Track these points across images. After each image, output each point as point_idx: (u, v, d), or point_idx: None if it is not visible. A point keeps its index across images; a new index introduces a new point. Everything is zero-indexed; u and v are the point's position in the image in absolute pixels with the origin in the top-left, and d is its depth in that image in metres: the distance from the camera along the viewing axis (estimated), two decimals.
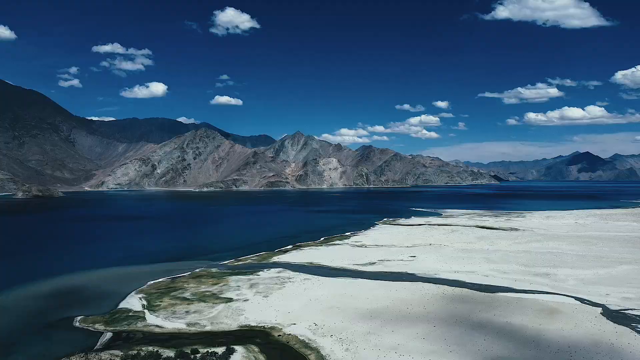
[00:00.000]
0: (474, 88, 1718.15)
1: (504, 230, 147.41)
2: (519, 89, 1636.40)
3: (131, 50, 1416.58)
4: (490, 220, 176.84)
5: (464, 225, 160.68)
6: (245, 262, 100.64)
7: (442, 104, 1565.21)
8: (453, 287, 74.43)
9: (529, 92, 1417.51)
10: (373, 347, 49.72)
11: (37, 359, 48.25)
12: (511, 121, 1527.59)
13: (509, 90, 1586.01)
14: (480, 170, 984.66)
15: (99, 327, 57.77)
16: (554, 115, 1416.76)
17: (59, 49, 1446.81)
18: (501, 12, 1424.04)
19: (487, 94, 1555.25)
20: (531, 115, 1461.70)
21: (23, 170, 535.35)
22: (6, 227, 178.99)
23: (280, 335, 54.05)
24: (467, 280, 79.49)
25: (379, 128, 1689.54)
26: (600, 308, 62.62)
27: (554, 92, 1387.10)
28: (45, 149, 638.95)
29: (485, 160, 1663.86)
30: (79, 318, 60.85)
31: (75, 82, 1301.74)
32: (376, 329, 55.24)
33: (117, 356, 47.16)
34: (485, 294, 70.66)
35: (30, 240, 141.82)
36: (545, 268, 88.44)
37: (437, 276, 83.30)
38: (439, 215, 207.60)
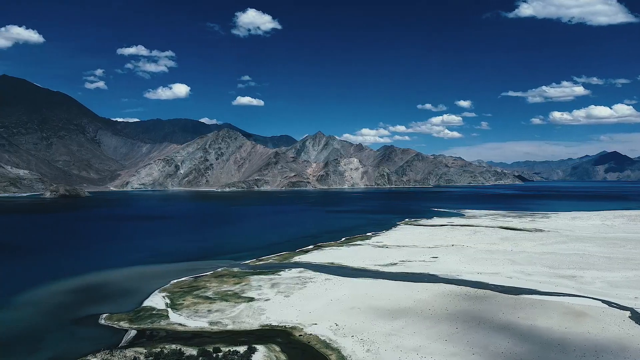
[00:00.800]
0: (497, 87, 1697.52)
1: (528, 231, 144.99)
2: (544, 87, 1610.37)
3: (155, 52, 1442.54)
4: (514, 221, 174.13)
5: (487, 226, 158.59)
6: (266, 261, 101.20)
7: (464, 104, 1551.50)
8: (476, 289, 73.51)
9: (554, 91, 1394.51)
10: (394, 348, 49.45)
11: (65, 354, 49.30)
12: (536, 120, 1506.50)
13: (534, 89, 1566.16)
14: (504, 170, 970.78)
15: (124, 324, 58.80)
16: (580, 114, 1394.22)
17: (85, 52, 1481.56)
18: (525, 10, 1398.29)
19: (511, 93, 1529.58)
20: (556, 114, 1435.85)
21: (51, 171, 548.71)
22: (36, 226, 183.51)
23: (301, 335, 54.17)
24: (490, 282, 78.42)
25: (401, 128, 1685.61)
26: (629, 312, 61.06)
27: (580, 90, 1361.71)
28: (72, 149, 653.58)
29: (509, 160, 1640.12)
30: (104, 315, 62.07)
31: (101, 84, 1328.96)
32: (397, 330, 54.92)
33: (141, 354, 47.90)
34: (509, 295, 69.60)
35: (58, 239, 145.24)
36: (571, 270, 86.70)
37: (459, 277, 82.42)
38: (461, 215, 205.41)
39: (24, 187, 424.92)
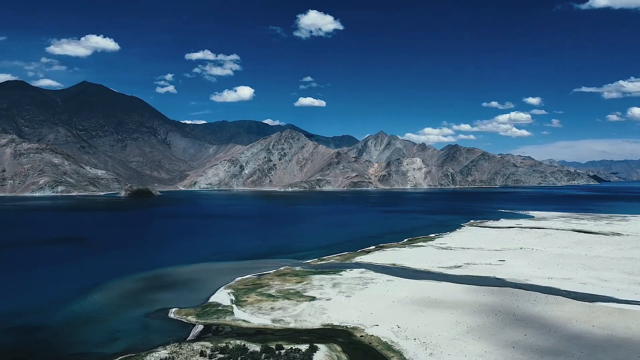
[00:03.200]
0: (569, 83, 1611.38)
1: (604, 234, 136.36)
2: (621, 82, 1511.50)
3: (220, 56, 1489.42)
4: (588, 224, 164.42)
5: (558, 229, 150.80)
6: (328, 261, 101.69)
7: (533, 101, 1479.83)
8: (546, 295, 70.04)
9: (632, 86, 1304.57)
10: (458, 353, 48.14)
11: (137, 345, 52.01)
12: (612, 117, 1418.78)
13: (609, 84, 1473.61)
14: (577, 170, 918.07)
15: (191, 319, 61.14)
16: None
17: (156, 58, 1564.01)
18: (599, 1, 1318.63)
19: (584, 89, 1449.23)
20: (636, 110, 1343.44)
21: (125, 171, 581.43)
22: (112, 223, 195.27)
23: (362, 336, 53.96)
24: (562, 288, 74.45)
25: (465, 126, 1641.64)
26: None
27: None
28: (144, 151, 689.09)
29: (583, 160, 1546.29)
30: (173, 310, 64.85)
31: (171, 88, 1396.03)
32: (461, 334, 53.42)
33: (207, 348, 49.61)
34: (583, 302, 65.75)
35: (132, 236, 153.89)
36: None
37: (528, 282, 78.91)
38: (530, 217, 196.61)
39: (102, 187, 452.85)
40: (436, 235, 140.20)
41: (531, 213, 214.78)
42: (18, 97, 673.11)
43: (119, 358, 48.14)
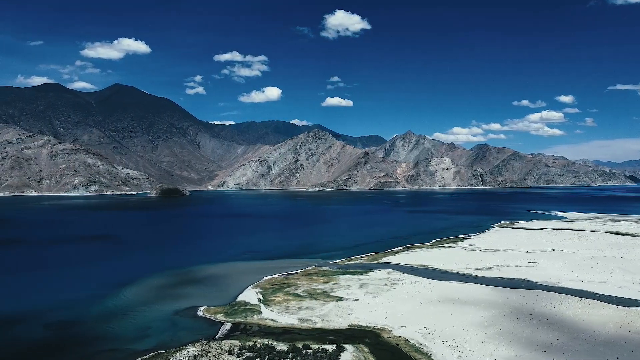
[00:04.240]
0: (604, 80, 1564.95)
1: None
2: None
3: (248, 58, 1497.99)
4: (624, 226, 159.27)
5: (592, 231, 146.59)
6: (355, 261, 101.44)
7: (566, 99, 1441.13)
8: (580, 298, 68.17)
9: None
10: (488, 356, 47.30)
11: (168, 342, 52.99)
12: None
13: None
14: (613, 170, 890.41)
15: (220, 317, 61.90)
16: None
17: (186, 60, 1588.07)
18: None
19: (619, 86, 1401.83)
20: None
21: (156, 171, 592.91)
22: (143, 222, 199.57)
23: (390, 337, 53.61)
24: (597, 291, 72.29)
25: (495, 126, 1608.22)
26: None
27: None
28: (174, 151, 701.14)
29: (619, 159, 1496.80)
30: (202, 308, 65.78)
31: (200, 89, 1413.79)
32: (491, 337, 52.48)
33: (235, 346, 50.13)
34: (619, 307, 63.70)
35: (162, 234, 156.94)
36: None
37: (560, 285, 76.98)
38: (563, 219, 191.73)
39: (133, 186, 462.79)
40: (465, 236, 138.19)
41: (564, 214, 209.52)
42: (54, 100, 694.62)
43: (150, 354, 49.16)
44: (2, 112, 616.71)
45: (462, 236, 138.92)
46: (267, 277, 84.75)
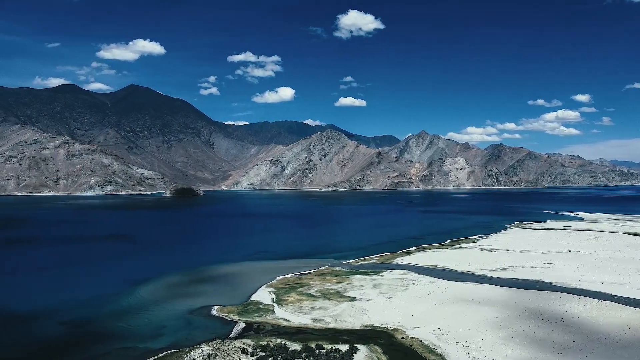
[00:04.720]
0: (621, 79, 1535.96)
1: None
2: None
3: (262, 58, 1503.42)
4: None
5: (610, 231, 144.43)
6: (368, 261, 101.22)
7: (582, 98, 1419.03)
8: (596, 300, 67.23)
9: None
10: (502, 357, 46.87)
11: (182, 341, 53.40)
12: None
13: None
14: (631, 170, 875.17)
15: (233, 317, 62.21)
16: None
17: (200, 61, 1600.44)
18: None
19: (637, 85, 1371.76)
20: None
21: (170, 171, 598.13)
22: (158, 222, 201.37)
23: (403, 338, 53.40)
24: (614, 293, 71.23)
25: (510, 125, 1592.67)
26: None
27: None
28: (188, 151, 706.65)
29: (637, 159, 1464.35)
30: (216, 307, 66.17)
31: (214, 90, 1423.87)
32: (506, 339, 52.00)
33: (249, 345, 50.35)
34: (637, 309, 62.67)
35: (177, 234, 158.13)
36: None
37: (577, 286, 75.98)
38: (579, 219, 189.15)
39: (148, 186, 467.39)
40: (480, 237, 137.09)
41: (580, 215, 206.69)
42: (71, 101, 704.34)
43: (164, 353, 49.59)
44: (20, 113, 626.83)
45: (477, 237, 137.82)
46: (281, 277, 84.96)
